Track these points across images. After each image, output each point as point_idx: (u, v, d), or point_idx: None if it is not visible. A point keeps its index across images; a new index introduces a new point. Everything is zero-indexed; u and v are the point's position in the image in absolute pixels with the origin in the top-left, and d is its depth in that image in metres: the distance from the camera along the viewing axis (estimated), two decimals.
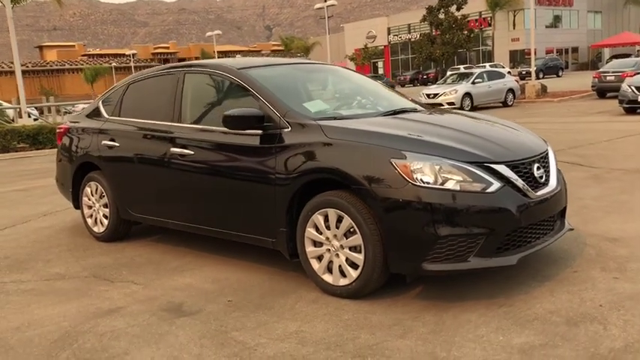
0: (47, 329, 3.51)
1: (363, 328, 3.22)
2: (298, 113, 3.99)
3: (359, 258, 3.51)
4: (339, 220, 3.59)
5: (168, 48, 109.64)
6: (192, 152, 4.43)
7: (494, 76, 23.10)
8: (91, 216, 5.60)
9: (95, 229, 5.56)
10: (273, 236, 4.00)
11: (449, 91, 21.46)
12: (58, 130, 6.09)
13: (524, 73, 40.38)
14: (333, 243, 3.65)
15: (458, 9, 26.80)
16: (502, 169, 3.45)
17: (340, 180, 3.55)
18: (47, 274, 4.63)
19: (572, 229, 4.11)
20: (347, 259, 3.60)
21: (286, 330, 3.26)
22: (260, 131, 3.99)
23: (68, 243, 5.57)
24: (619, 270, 3.84)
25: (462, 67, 43.58)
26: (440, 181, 3.31)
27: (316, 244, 3.76)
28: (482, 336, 3.01)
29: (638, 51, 50.12)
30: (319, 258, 3.77)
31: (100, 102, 5.61)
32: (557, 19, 54.89)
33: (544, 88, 25.58)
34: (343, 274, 3.63)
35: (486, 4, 47.36)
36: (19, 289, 4.30)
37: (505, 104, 22.73)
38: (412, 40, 59.70)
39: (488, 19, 49.31)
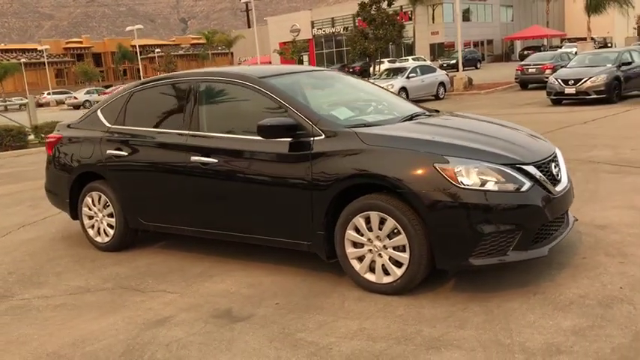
0: (106, 343, 3.54)
1: (421, 321, 3.48)
2: (329, 121, 4.19)
3: (404, 257, 3.77)
4: (381, 222, 3.83)
5: (81, 42, 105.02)
6: (216, 160, 4.52)
7: (426, 70, 23.98)
8: (93, 226, 5.54)
9: (98, 239, 5.50)
10: (309, 239, 4.18)
11: (386, 86, 22.05)
12: (47, 140, 5.94)
13: (445, 65, 41.98)
14: (375, 244, 3.89)
15: (389, 5, 27.58)
16: (531, 169, 3.81)
17: (384, 184, 3.78)
18: (68, 288, 4.58)
19: (577, 220, 4.55)
20: (390, 258, 3.84)
21: (349, 328, 3.47)
22: (290, 139, 4.15)
23: (70, 254, 5.48)
24: (621, 255, 4.30)
25: (386, 60, 44.77)
26: (480, 182, 3.62)
27: (356, 245, 3.98)
28: (533, 322, 3.35)
29: (543, 45, 53.18)
30: (360, 258, 3.99)
31: (99, 110, 5.54)
32: (473, 13, 57.22)
33: (470, 81, 26.78)
34: (386, 272, 3.88)
35: None
36: (49, 305, 4.25)
37: (437, 97, 23.65)
38: (336, 33, 60.57)
39: (409, 13, 50.73)
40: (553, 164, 4.09)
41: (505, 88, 25.27)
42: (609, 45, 52.97)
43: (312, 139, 4.10)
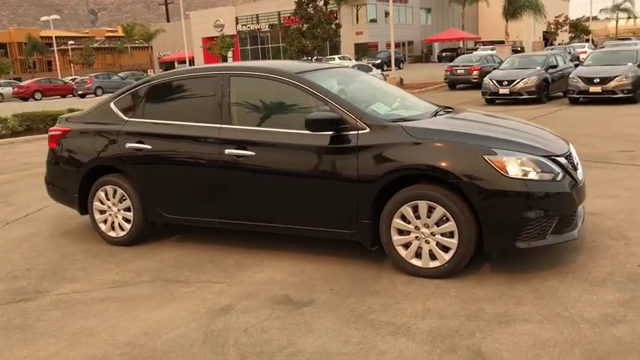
0: (180, 331, 3.61)
1: (478, 300, 3.79)
2: (373, 116, 4.43)
3: (452, 242, 4.07)
4: (429, 210, 4.11)
5: None
6: (254, 153, 4.63)
7: (363, 69, 24.51)
8: (105, 221, 5.46)
9: (112, 233, 5.44)
10: (352, 228, 4.39)
11: None
12: (51, 133, 5.77)
13: (370, 65, 42.96)
14: (422, 231, 4.16)
15: (325, 4, 28.00)
16: (562, 160, 4.22)
17: (435, 175, 4.06)
18: (104, 282, 4.54)
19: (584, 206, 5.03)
20: (437, 244, 4.13)
21: (415, 309, 3.73)
22: (332, 132, 4.35)
23: (82, 250, 5.38)
24: (623, 238, 4.82)
25: (313, 59, 45.25)
26: (524, 172, 3.98)
27: (402, 232, 4.24)
28: (579, 297, 3.74)
29: (459, 47, 55.66)
30: (405, 245, 4.25)
31: (112, 103, 5.46)
32: (394, 15, 58.84)
33: (401, 80, 27.71)
34: (433, 257, 4.16)
35: None
36: (94, 299, 4.22)
37: None
38: (261, 29, 60.39)
39: (335, 12, 51.49)
40: (574, 156, 4.54)
41: (436, 88, 26.37)
42: (519, 49, 56.23)
43: (357, 132, 4.31)
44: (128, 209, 5.32)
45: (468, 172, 3.97)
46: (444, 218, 4.08)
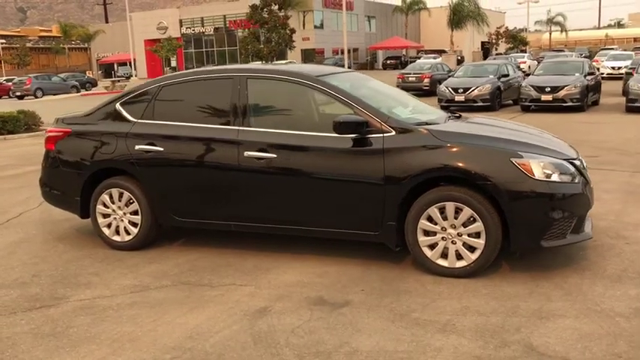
0: (225, 334, 3.58)
1: (511, 298, 3.94)
2: (397, 120, 4.52)
3: (479, 242, 4.21)
4: (456, 211, 4.24)
5: None
6: (275, 155, 4.63)
7: None
8: (109, 225, 5.31)
9: (116, 238, 5.29)
10: (377, 229, 4.47)
11: None
12: (49, 134, 5.56)
13: None
14: (449, 231, 4.29)
15: (280, 8, 28.01)
16: (578, 163, 4.44)
17: (464, 177, 4.19)
18: (124, 287, 4.43)
19: None
20: (464, 244, 4.27)
21: (453, 307, 3.83)
22: (356, 135, 4.42)
23: (86, 255, 5.21)
24: (621, 237, 5.11)
25: (258, 63, 45.18)
26: (547, 175, 4.17)
27: (428, 233, 4.35)
28: (604, 292, 3.96)
29: (403, 55, 56.91)
30: (431, 246, 4.36)
31: (118, 104, 5.32)
32: (340, 22, 59.59)
33: None
34: (459, 257, 4.29)
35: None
36: (120, 304, 4.11)
37: None
38: (205, 33, 59.69)
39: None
40: (582, 160, 4.78)
41: None
42: (459, 59, 58.00)
43: (382, 135, 4.40)
44: (135, 213, 5.19)
45: (496, 174, 4.12)
46: (471, 219, 4.21)
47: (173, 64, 58.17)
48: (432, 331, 3.50)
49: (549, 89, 16.69)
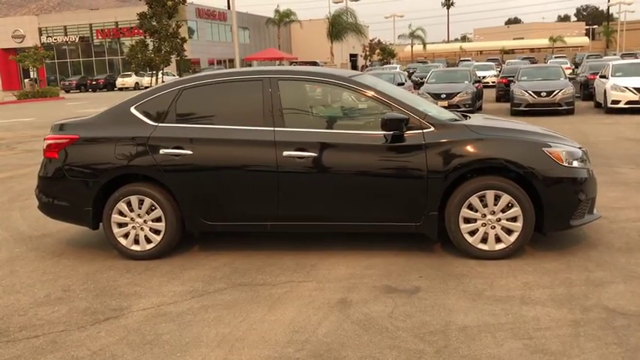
0: (329, 325, 3.65)
1: (557, 272, 4.39)
2: (434, 116, 4.84)
3: (516, 225, 4.64)
4: (495, 198, 4.64)
5: None
6: (315, 154, 4.74)
7: None
8: (127, 235, 5.06)
9: (136, 247, 5.06)
10: (418, 220, 4.74)
11: None
12: (50, 141, 5.16)
13: None
14: (489, 217, 4.67)
15: (169, 17, 27.24)
16: (584, 150, 5.04)
17: (503, 167, 4.60)
18: (179, 293, 4.29)
19: None
20: (502, 228, 4.67)
21: (515, 284, 4.20)
22: (396, 131, 4.68)
23: (108, 267, 4.93)
24: (602, 218, 5.80)
25: (132, 73, 43.60)
26: (569, 162, 4.71)
27: (469, 220, 4.71)
28: (627, 261, 4.54)
29: (280, 63, 57.73)
30: (471, 232, 4.72)
31: (132, 108, 5.09)
32: (214, 32, 59.15)
33: None
34: (498, 240, 4.69)
35: None
36: (190, 309, 4.00)
37: None
38: (69, 42, 56.24)
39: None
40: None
41: None
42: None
43: (421, 131, 4.69)
44: (158, 219, 5.00)
45: (533, 163, 4.58)
46: (509, 205, 4.63)
47: (32, 74, 54.10)
48: (517, 305, 3.84)
49: (445, 96, 17.88)
